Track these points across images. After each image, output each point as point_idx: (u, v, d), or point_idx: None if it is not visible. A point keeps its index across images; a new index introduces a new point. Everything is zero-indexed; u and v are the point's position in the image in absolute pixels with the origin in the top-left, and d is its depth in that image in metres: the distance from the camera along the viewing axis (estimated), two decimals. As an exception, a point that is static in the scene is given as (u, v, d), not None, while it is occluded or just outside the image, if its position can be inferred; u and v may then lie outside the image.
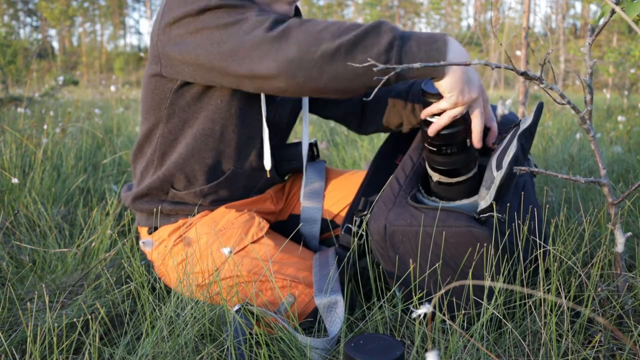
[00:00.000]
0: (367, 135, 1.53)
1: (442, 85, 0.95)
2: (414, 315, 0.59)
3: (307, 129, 1.29)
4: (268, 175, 1.21)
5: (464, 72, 0.94)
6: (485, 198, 0.98)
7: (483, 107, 1.02)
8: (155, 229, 1.21)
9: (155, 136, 1.17)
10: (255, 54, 0.92)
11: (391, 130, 1.33)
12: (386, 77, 0.79)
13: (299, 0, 1.17)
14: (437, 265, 0.99)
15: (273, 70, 0.91)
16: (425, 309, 0.59)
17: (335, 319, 0.99)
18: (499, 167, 0.96)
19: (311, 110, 1.39)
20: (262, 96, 1.12)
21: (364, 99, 1.29)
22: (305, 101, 1.30)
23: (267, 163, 1.17)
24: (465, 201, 1.05)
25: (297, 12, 1.26)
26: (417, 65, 0.76)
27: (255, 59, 0.92)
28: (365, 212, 1.10)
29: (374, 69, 0.75)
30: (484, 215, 0.97)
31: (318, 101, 1.37)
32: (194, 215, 1.19)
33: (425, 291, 1.02)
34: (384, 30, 0.90)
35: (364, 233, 1.10)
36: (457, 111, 0.97)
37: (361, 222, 1.11)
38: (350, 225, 1.15)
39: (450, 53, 0.90)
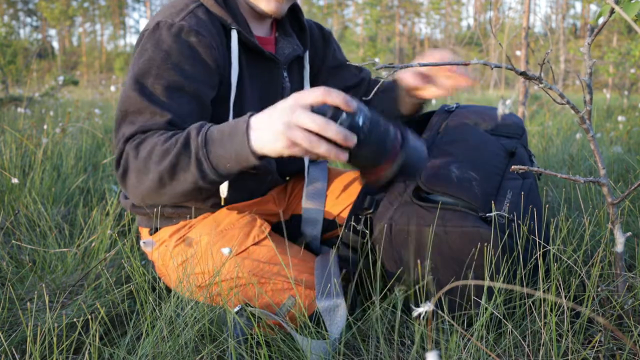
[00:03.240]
0: None
1: (265, 148, 0.85)
2: (414, 315, 0.59)
3: None
4: (222, 203, 1.17)
5: (261, 121, 0.85)
6: None
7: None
8: (157, 229, 1.21)
9: None
10: None
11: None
12: (388, 76, 0.79)
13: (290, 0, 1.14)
14: (439, 264, 0.99)
15: (131, 198, 0.98)
16: (425, 309, 0.59)
17: (337, 322, 0.99)
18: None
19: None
20: (231, 111, 1.11)
21: (363, 98, 1.29)
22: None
23: (223, 190, 1.08)
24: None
25: (297, 11, 1.25)
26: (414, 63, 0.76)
27: None
28: (371, 210, 1.10)
29: None
30: (490, 214, 0.97)
31: (317, 82, 1.36)
32: (196, 217, 1.18)
33: (426, 290, 1.02)
34: (192, 142, 0.88)
35: (367, 231, 1.10)
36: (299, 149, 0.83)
37: (365, 220, 1.11)
38: (354, 224, 1.15)
39: (252, 140, 0.85)
